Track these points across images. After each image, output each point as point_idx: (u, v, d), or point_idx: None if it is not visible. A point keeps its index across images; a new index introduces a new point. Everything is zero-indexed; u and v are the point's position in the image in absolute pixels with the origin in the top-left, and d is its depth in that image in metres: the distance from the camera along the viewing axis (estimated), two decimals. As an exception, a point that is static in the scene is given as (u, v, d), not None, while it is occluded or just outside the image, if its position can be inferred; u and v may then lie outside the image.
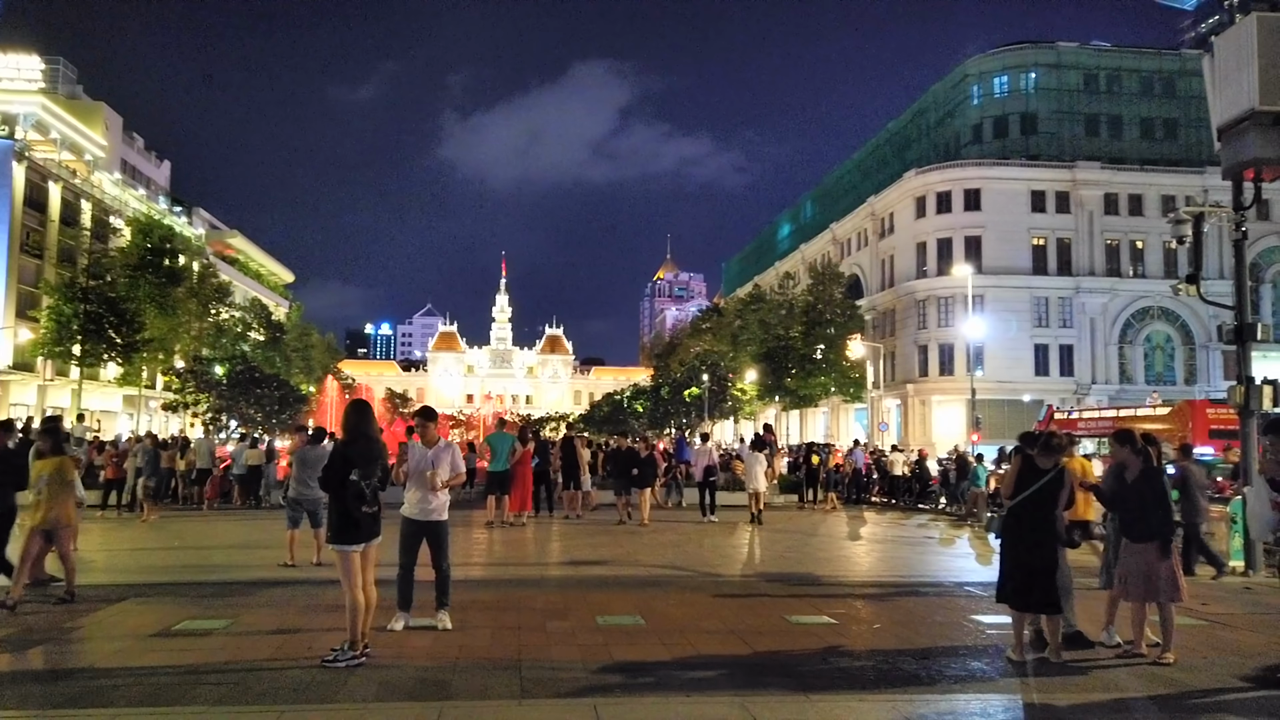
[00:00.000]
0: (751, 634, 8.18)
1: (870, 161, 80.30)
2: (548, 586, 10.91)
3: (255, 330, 64.50)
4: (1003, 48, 68.49)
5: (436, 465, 8.09)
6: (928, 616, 9.28)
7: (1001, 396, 57.00)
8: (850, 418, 70.98)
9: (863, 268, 72.93)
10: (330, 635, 7.52)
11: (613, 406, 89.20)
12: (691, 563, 13.27)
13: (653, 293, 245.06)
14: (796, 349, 58.59)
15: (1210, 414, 33.80)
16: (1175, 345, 62.47)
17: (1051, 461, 7.36)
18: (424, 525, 8.25)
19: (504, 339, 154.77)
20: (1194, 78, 66.15)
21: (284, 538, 12.61)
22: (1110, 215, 62.18)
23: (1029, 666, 7.06)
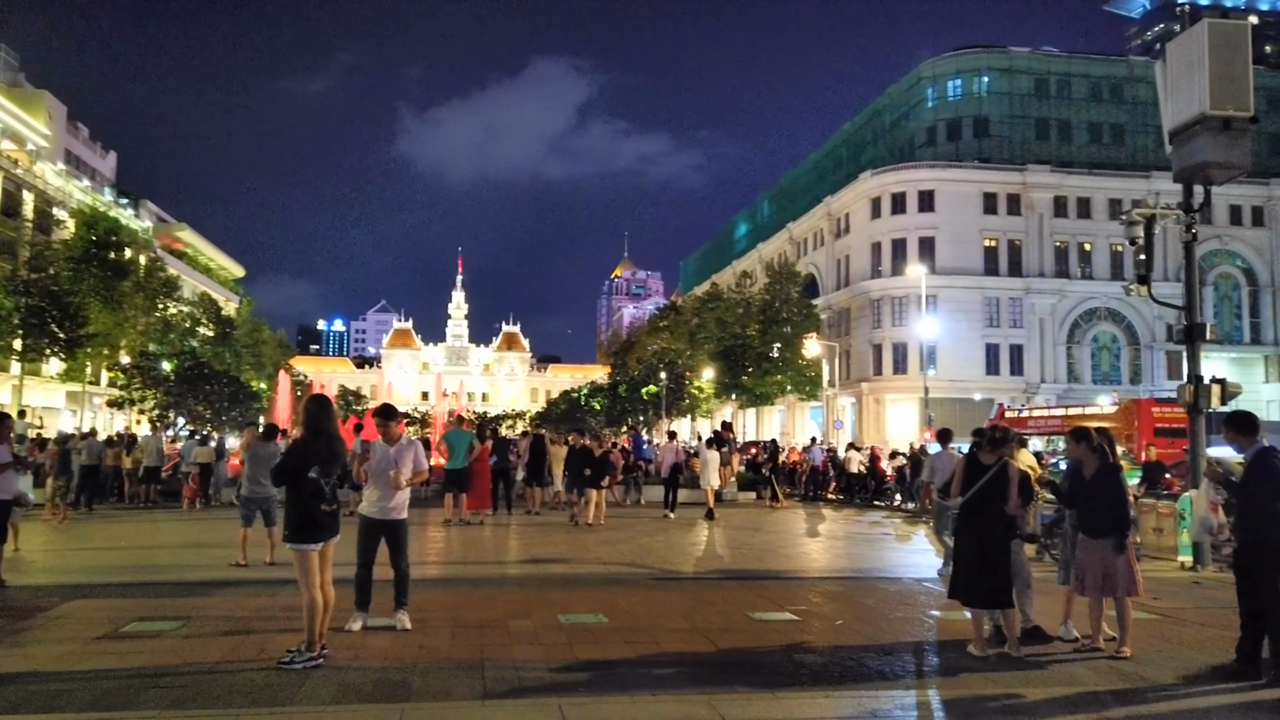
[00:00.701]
0: (715, 631, 8.15)
1: (827, 162, 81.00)
2: (508, 585, 10.80)
3: (204, 326, 63.16)
4: (956, 51, 69.46)
5: (399, 464, 7.96)
6: (888, 612, 9.33)
7: (953, 395, 57.84)
8: (806, 416, 71.55)
9: (819, 267, 73.53)
10: (286, 636, 7.35)
11: (570, 404, 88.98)
12: (653, 560, 13.23)
13: (610, 291, 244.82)
14: (753, 347, 58.92)
15: (1156, 412, 34.59)
16: (1121, 345, 63.89)
17: (995, 457, 7.43)
18: (383, 524, 8.10)
19: (460, 336, 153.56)
20: (1141, 84, 67.79)
21: (236, 537, 12.32)
22: (1059, 218, 63.38)
23: (991, 661, 7.12)
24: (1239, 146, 11.94)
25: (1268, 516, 6.86)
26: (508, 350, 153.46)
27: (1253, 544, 7.00)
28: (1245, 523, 7.17)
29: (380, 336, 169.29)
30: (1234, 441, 7.27)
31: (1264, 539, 6.86)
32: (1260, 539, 6.89)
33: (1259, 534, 6.91)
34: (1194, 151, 12.19)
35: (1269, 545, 6.82)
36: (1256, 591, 6.91)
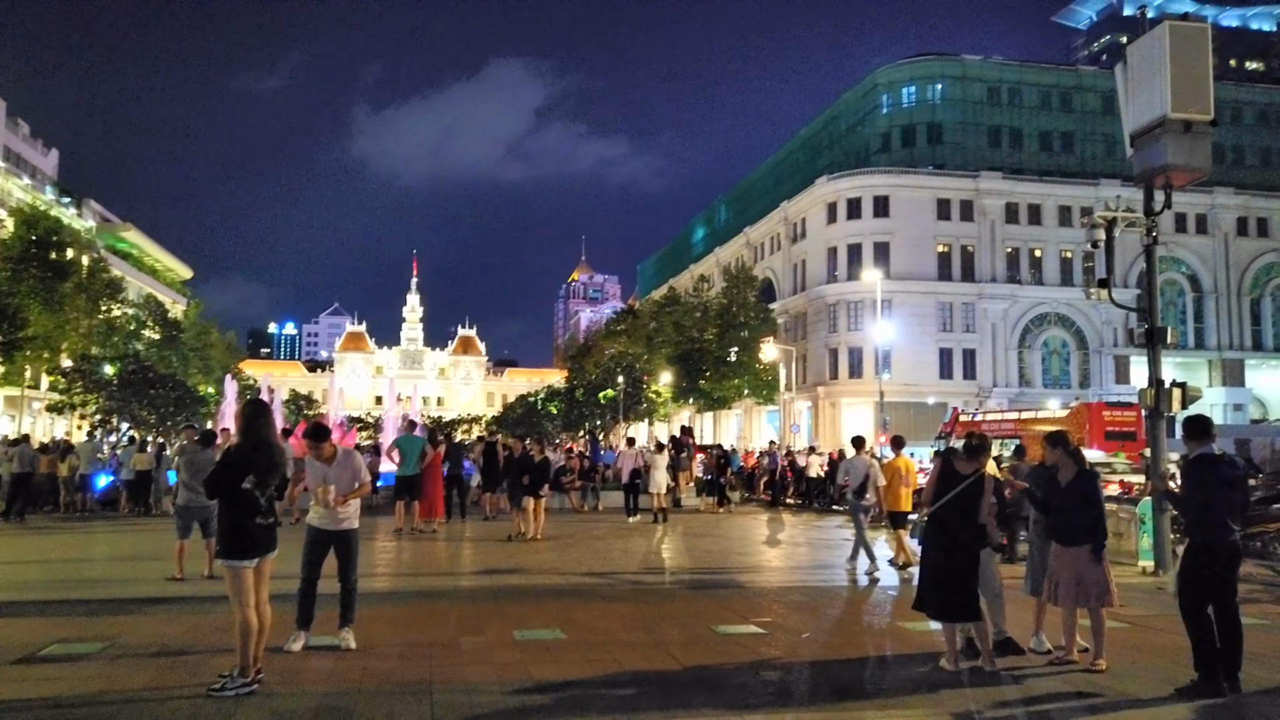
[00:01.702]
0: (678, 646, 7.80)
1: (784, 167, 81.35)
2: (460, 598, 10.33)
3: (149, 328, 61.43)
4: (911, 59, 70.18)
5: (330, 480, 7.48)
6: (855, 623, 9.07)
7: (908, 399, 58.25)
8: (763, 420, 71.66)
9: (775, 271, 73.75)
10: (219, 659, 6.85)
11: (526, 408, 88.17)
12: (611, 570, 12.84)
13: (567, 294, 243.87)
14: (710, 351, 58.83)
15: (1106, 416, 35.04)
16: (1070, 350, 64.92)
17: (972, 467, 7.18)
18: (333, 535, 7.63)
19: (415, 339, 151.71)
20: (1089, 93, 69.15)
21: (172, 548, 11.70)
22: (1011, 224, 64.26)
23: (964, 676, 6.85)
24: (1200, 149, 11.92)
25: (1206, 521, 6.72)
26: (463, 354, 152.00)
27: (1194, 548, 6.85)
28: (1189, 529, 7.08)
29: (333, 340, 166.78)
30: (1188, 447, 7.13)
31: (1207, 542, 6.72)
32: (1204, 542, 6.76)
33: (1201, 538, 6.79)
34: (1156, 154, 12.14)
35: (1210, 549, 6.66)
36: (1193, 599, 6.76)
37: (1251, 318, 66.52)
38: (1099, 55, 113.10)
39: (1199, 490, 6.78)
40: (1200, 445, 6.96)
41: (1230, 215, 65.82)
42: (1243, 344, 65.91)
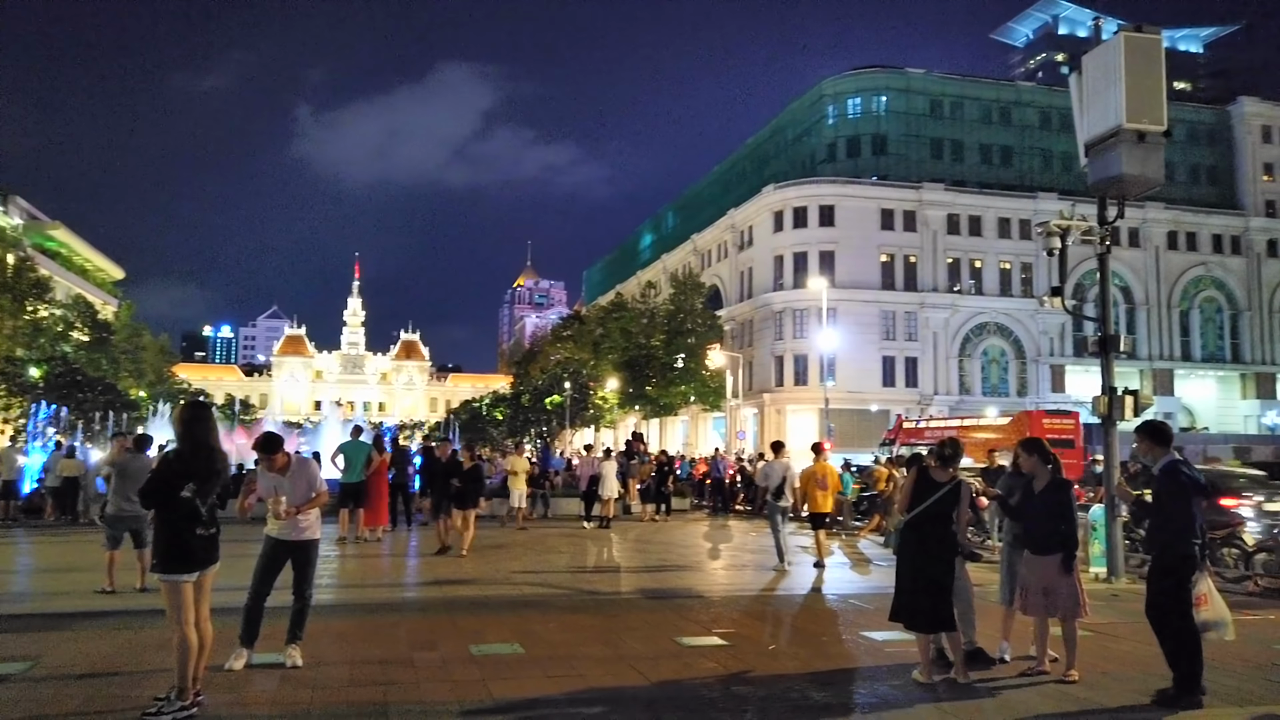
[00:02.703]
0: (643, 660, 7.52)
1: (731, 175, 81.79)
2: (411, 611, 9.92)
3: (78, 330, 59.26)
4: (856, 71, 71.12)
5: (283, 490, 7.07)
6: (821, 634, 8.88)
7: (852, 406, 58.88)
8: (709, 426, 71.77)
9: (722, 279, 74.02)
10: (155, 679, 6.39)
11: (471, 414, 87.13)
12: (567, 580, 12.51)
13: (512, 300, 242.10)
14: (657, 358, 58.76)
15: (1045, 424, 35.72)
16: (1009, 359, 66.26)
17: (947, 474, 7.05)
18: (292, 546, 7.21)
19: (356, 344, 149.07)
20: (1027, 108, 70.83)
21: (102, 560, 11.06)
22: (952, 235, 65.43)
23: (939, 689, 6.69)
24: (1153, 159, 12.06)
25: (1174, 530, 6.64)
26: (406, 359, 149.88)
27: (1158, 559, 6.79)
28: (1153, 537, 7.00)
29: (271, 343, 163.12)
30: (1147, 453, 7.06)
31: (1171, 554, 6.65)
32: (1167, 553, 6.69)
33: (1166, 548, 6.71)
34: (1110, 164, 12.25)
35: (1175, 559, 6.60)
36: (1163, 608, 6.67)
37: (1180, 329, 68.66)
38: (1035, 72, 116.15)
39: (1177, 498, 6.65)
40: (1165, 453, 6.89)
41: (1161, 230, 67.92)
42: (1172, 354, 67.97)
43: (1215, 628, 6.52)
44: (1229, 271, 69.61)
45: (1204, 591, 6.53)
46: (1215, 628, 6.52)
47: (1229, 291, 69.67)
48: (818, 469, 14.66)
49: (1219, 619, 6.52)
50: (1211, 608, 6.51)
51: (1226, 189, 72.37)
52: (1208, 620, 6.50)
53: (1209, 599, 6.51)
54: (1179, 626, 6.50)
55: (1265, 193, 71.40)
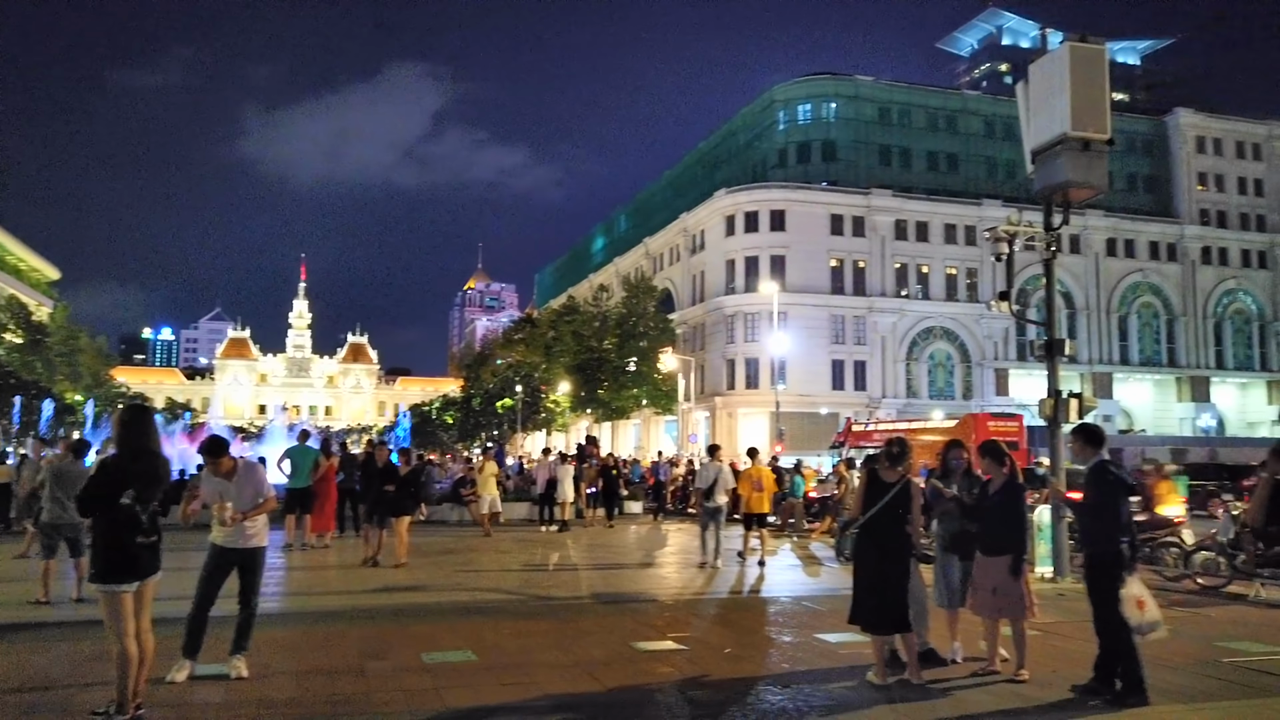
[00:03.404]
0: (598, 666, 7.45)
1: (683, 179, 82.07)
2: (360, 619, 9.72)
3: (11, 332, 57.45)
4: (806, 77, 71.87)
5: (228, 496, 6.87)
6: (775, 637, 8.89)
7: (802, 409, 59.36)
8: (661, 430, 71.88)
9: (675, 282, 74.23)
10: (92, 693, 6.17)
11: (421, 418, 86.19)
12: (520, 585, 12.39)
13: (463, 302, 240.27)
14: (610, 361, 58.72)
15: (991, 426, 36.39)
16: (955, 363, 67.40)
17: (897, 474, 7.09)
18: (239, 554, 7.01)
19: (302, 346, 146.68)
20: (973, 117, 72.21)
21: (35, 569, 10.68)
22: (900, 240, 66.38)
23: (894, 691, 6.73)
24: (1097, 167, 12.34)
25: (1102, 529, 6.81)
26: (354, 362, 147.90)
27: (1090, 557, 6.95)
28: (1085, 536, 7.15)
29: (214, 346, 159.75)
30: (1080, 454, 7.23)
31: (1100, 552, 6.81)
32: (1097, 552, 6.85)
33: (1096, 547, 6.88)
34: (1055, 171, 12.50)
35: (1106, 557, 6.75)
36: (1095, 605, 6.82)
37: (1119, 333, 70.46)
38: (980, 81, 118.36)
39: (1105, 498, 6.84)
40: (1097, 453, 7.07)
41: (1100, 236, 69.68)
42: (1111, 358, 69.73)
43: (1155, 629, 6.65)
44: (1165, 278, 71.64)
45: (1140, 595, 6.67)
46: (1155, 629, 6.65)
47: (1165, 297, 71.70)
48: (753, 471, 15.68)
49: (1156, 620, 6.66)
50: (1150, 609, 6.66)
51: (1163, 197, 74.51)
52: (1150, 621, 6.63)
53: (1146, 602, 6.66)
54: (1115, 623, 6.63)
55: (1199, 201, 73.64)
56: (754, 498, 15.33)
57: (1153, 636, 6.64)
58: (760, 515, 15.54)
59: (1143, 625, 6.58)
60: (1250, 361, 73.33)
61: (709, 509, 14.88)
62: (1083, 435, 7.19)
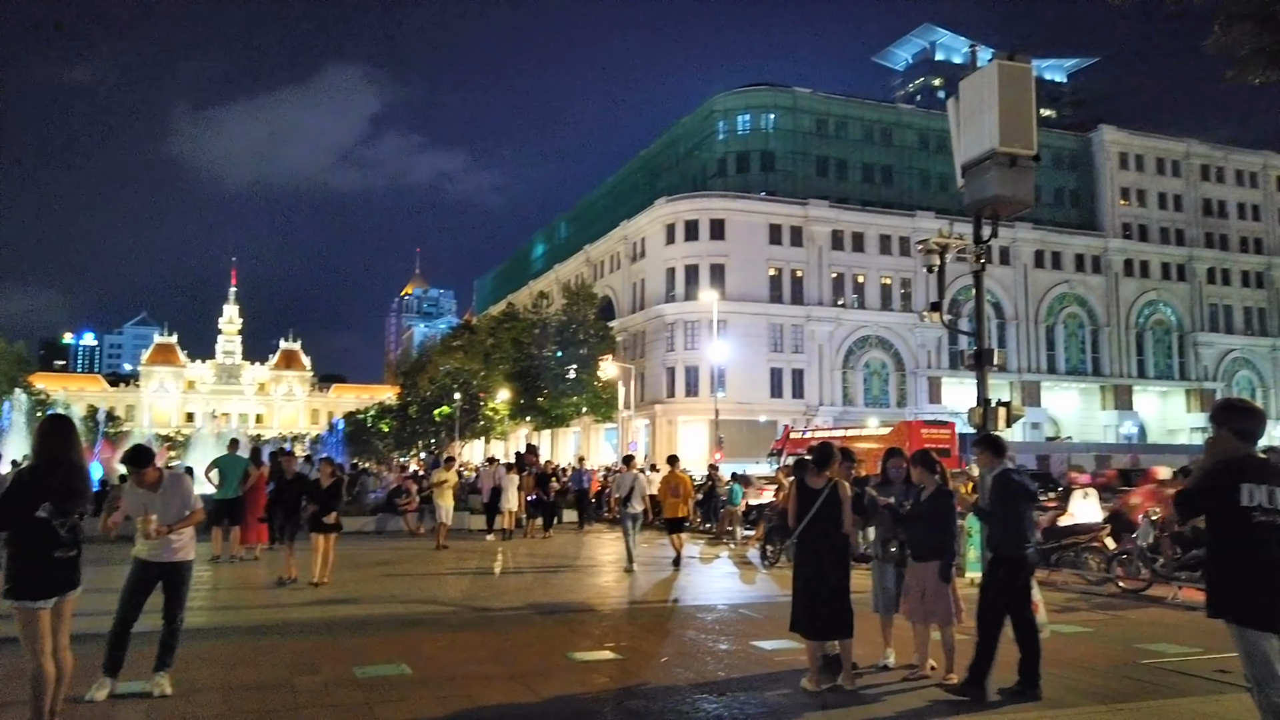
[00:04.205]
0: (534, 677, 7.40)
1: (624, 187, 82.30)
2: (291, 633, 9.50)
3: (-80, 336, 55.00)
4: (746, 88, 72.68)
5: (153, 509, 6.67)
6: (712, 645, 8.93)
7: (741, 417, 59.79)
8: (601, 438, 71.80)
9: (615, 290, 74.30)
10: (9, 713, 5.96)
11: (356, 426, 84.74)
12: (456, 596, 12.24)
13: (400, 308, 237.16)
14: (549, 368, 58.46)
15: (924, 433, 37.15)
16: (889, 371, 68.67)
17: (823, 479, 7.18)
18: (163, 569, 6.79)
19: (232, 352, 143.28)
20: (907, 130, 73.77)
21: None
22: (837, 250, 67.48)
23: (827, 697, 6.82)
24: (1024, 183, 12.64)
25: (1008, 535, 7.06)
26: (286, 369, 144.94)
27: (997, 561, 7.15)
28: (991, 542, 7.39)
29: (139, 352, 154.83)
30: (986, 463, 7.47)
31: (1008, 556, 7.02)
32: (1005, 556, 7.05)
33: (1003, 551, 7.09)
34: (984, 186, 12.78)
35: (1013, 561, 6.98)
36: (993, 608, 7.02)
37: (1047, 343, 72.56)
38: (914, 95, 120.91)
39: (1008, 504, 7.09)
40: (999, 462, 7.32)
41: (1029, 249, 71.70)
42: (1039, 367, 71.73)
43: (1041, 630, 7.03)
44: (1090, 289, 74.01)
45: (1034, 598, 6.99)
46: (1041, 630, 7.03)
47: (1090, 308, 74.05)
48: (671, 478, 16.72)
49: (1044, 621, 7.05)
50: (1040, 612, 6.95)
51: (1088, 211, 77.00)
52: (1041, 623, 6.97)
53: (1039, 605, 6.96)
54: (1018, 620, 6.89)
55: (1122, 215, 76.28)
56: (673, 503, 16.28)
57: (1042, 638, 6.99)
58: (680, 520, 16.52)
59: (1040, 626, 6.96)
60: (1170, 371, 76.14)
61: (626, 515, 15.75)
62: (986, 445, 7.49)
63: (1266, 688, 4.63)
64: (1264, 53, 8.34)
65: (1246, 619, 4.68)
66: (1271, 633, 4.64)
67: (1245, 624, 4.68)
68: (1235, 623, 4.73)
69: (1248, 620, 4.68)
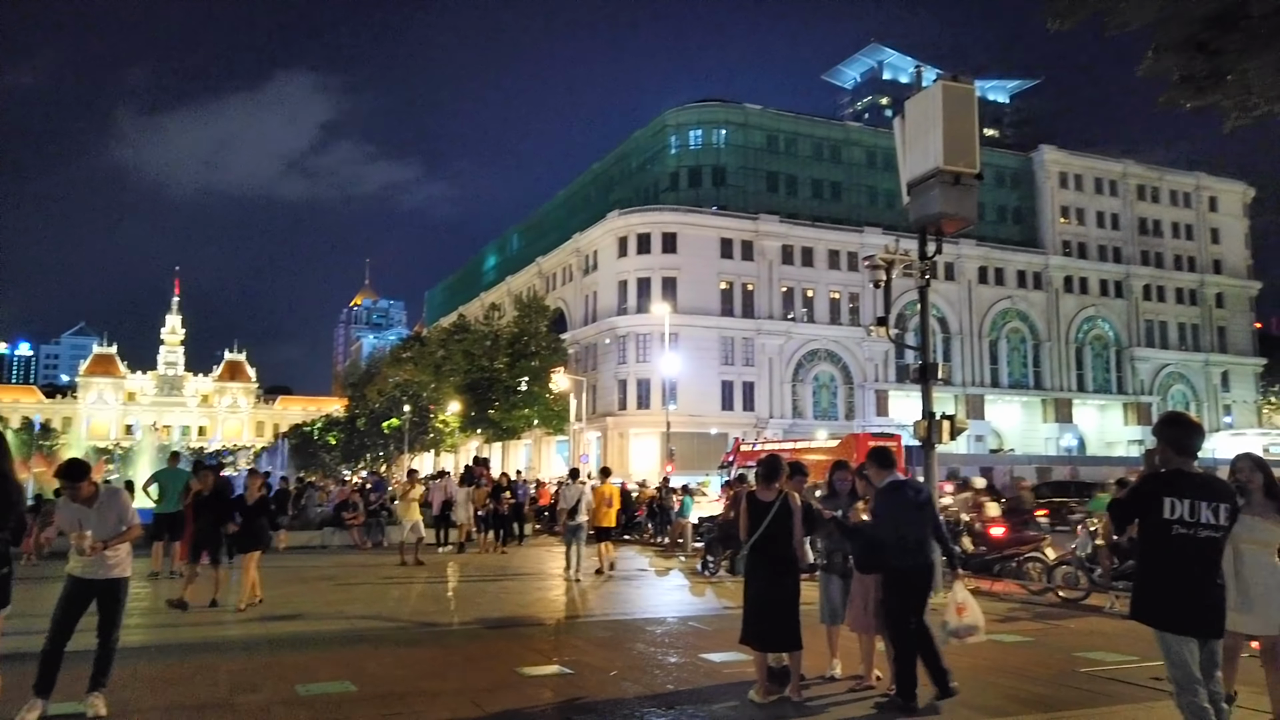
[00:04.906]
0: (481, 693, 7.34)
1: (577, 199, 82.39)
2: (232, 650, 9.29)
3: None
4: (698, 103, 73.32)
5: (88, 524, 6.49)
6: (661, 658, 8.94)
7: (692, 429, 60.04)
8: (553, 450, 71.51)
9: (567, 302, 74.22)
10: (-73, 741, 5.70)
11: (302, 439, 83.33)
12: (404, 612, 12.08)
13: (349, 319, 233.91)
14: (501, 380, 58.11)
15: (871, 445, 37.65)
16: (838, 384, 69.51)
17: (772, 492, 7.25)
18: (98, 586, 6.60)
19: (175, 364, 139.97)
20: (855, 147, 74.99)
21: None
22: (787, 265, 68.24)
23: (775, 709, 6.86)
24: (967, 200, 12.97)
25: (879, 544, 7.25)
26: (231, 380, 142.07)
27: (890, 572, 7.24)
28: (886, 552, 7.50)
29: (76, 363, 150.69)
30: (875, 476, 7.57)
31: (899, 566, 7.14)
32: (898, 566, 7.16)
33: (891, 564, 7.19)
34: (929, 203, 13.08)
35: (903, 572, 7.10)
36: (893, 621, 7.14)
37: (990, 357, 74.08)
38: (862, 114, 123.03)
39: (892, 517, 7.22)
40: (888, 474, 7.44)
41: (973, 265, 73.22)
42: (983, 381, 73.17)
43: (975, 633, 7.08)
44: (1031, 305, 75.77)
45: (962, 600, 7.08)
46: (975, 633, 7.08)
47: (1032, 323, 75.78)
48: (606, 490, 17.30)
49: (975, 624, 7.07)
50: (970, 613, 7.05)
51: (1029, 229, 78.90)
52: (968, 625, 7.03)
53: (967, 608, 7.04)
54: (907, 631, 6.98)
55: (1062, 233, 78.29)
56: (604, 513, 16.95)
57: (971, 640, 7.07)
58: (608, 529, 17.28)
59: (960, 629, 7.00)
60: (1109, 385, 78.18)
61: (571, 527, 16.28)
62: (874, 458, 7.61)
63: (1186, 690, 4.83)
64: (1194, 79, 8.64)
65: (1164, 624, 4.91)
66: (1190, 637, 4.86)
67: (1163, 628, 4.90)
68: (1154, 627, 4.95)
69: (1166, 625, 4.91)
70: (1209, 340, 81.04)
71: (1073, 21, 8.49)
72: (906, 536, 7.12)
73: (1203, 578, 4.93)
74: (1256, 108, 8.53)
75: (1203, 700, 4.81)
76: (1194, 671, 4.84)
